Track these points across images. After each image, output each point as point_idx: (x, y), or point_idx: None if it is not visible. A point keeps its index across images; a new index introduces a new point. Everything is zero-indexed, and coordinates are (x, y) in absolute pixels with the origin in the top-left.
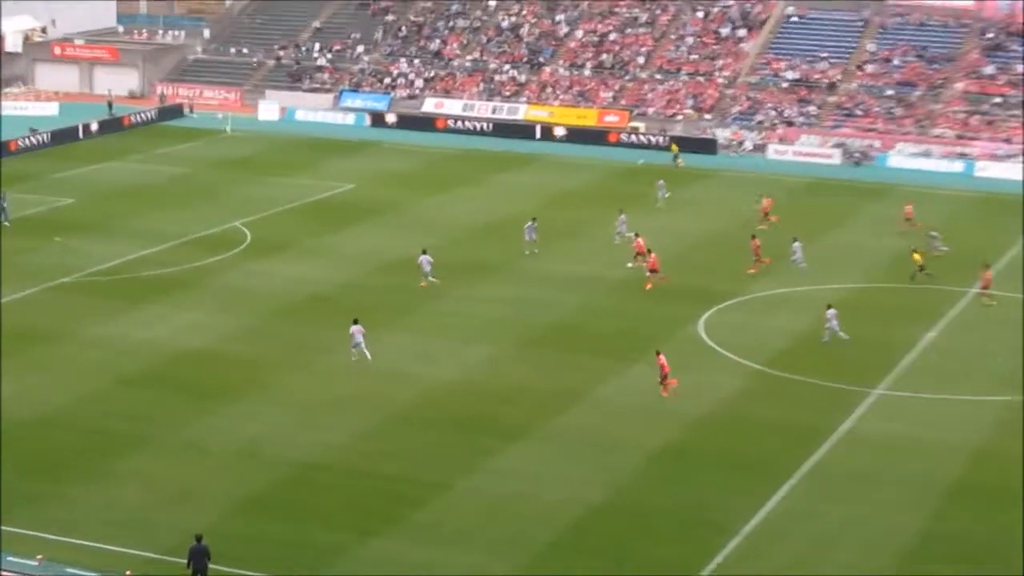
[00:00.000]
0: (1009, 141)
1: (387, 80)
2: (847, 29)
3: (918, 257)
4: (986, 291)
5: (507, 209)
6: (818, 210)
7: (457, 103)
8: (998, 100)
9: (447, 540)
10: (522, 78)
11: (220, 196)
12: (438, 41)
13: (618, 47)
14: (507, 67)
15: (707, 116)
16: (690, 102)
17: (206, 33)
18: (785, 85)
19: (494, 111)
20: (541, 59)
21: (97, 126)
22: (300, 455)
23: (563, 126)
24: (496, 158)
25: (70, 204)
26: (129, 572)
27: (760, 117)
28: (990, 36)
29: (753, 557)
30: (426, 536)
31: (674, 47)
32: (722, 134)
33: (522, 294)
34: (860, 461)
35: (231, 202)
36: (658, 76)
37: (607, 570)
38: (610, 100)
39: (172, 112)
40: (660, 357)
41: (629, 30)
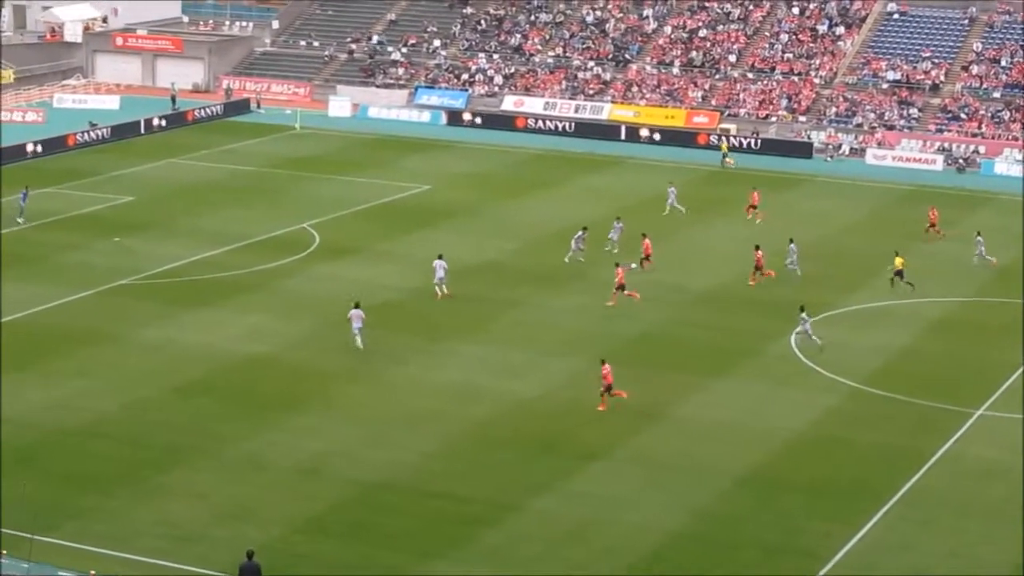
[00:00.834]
0: None
1: (464, 76)
2: (951, 27)
3: (899, 262)
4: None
5: (589, 213)
6: (918, 219)
7: (538, 101)
8: None
9: (517, 565)
10: (607, 76)
11: (287, 196)
12: (519, 36)
13: (709, 44)
14: (591, 64)
15: (802, 118)
16: (784, 103)
17: (275, 24)
18: (885, 86)
19: (577, 110)
20: (627, 56)
21: (159, 121)
22: (365, 473)
23: (649, 127)
24: (578, 160)
25: (130, 202)
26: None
27: (858, 120)
28: None
29: None
30: (494, 560)
31: (768, 45)
32: (818, 137)
33: (604, 304)
34: (959, 487)
35: (299, 202)
36: (750, 75)
37: None
38: (699, 100)
39: (238, 107)
40: (604, 367)
41: (720, 26)
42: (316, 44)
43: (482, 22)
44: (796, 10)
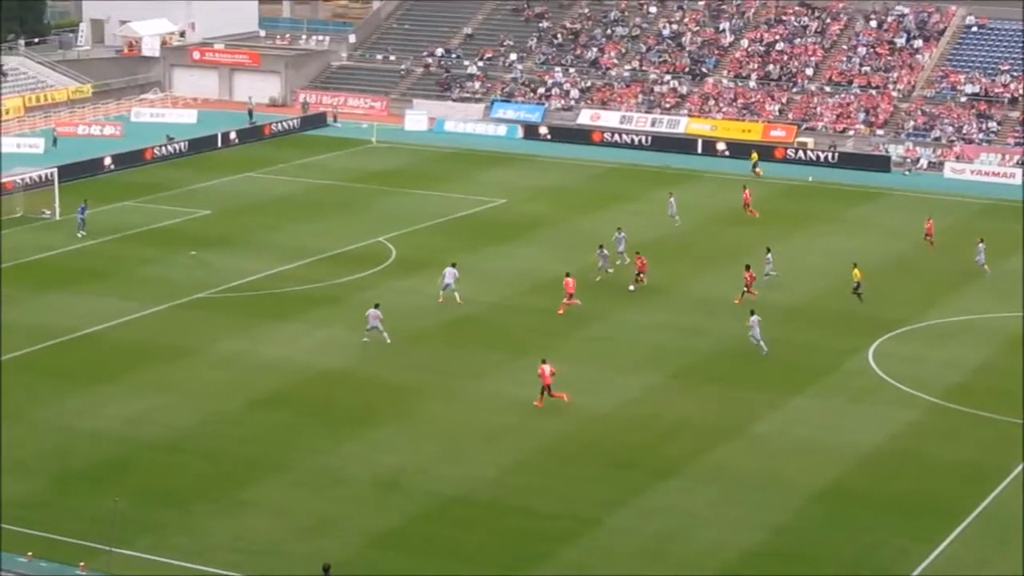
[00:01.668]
0: None
1: (541, 90)
2: None
3: (857, 273)
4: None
5: (666, 228)
6: (998, 234)
7: (614, 115)
8: None
9: None
10: (683, 89)
11: (364, 210)
12: (595, 49)
13: (786, 57)
14: (668, 77)
15: (879, 132)
16: (862, 116)
17: (351, 38)
18: (964, 99)
19: (653, 124)
20: (704, 69)
21: (236, 135)
22: (442, 488)
23: (726, 140)
24: (654, 173)
25: (206, 216)
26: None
27: (936, 133)
28: None
29: None
30: None
31: (845, 58)
32: (896, 151)
33: (680, 320)
34: None
35: (375, 216)
36: (828, 89)
37: None
38: (776, 114)
39: (315, 121)
40: (542, 367)
41: (798, 40)
42: (392, 58)
43: (558, 36)
44: (874, 23)
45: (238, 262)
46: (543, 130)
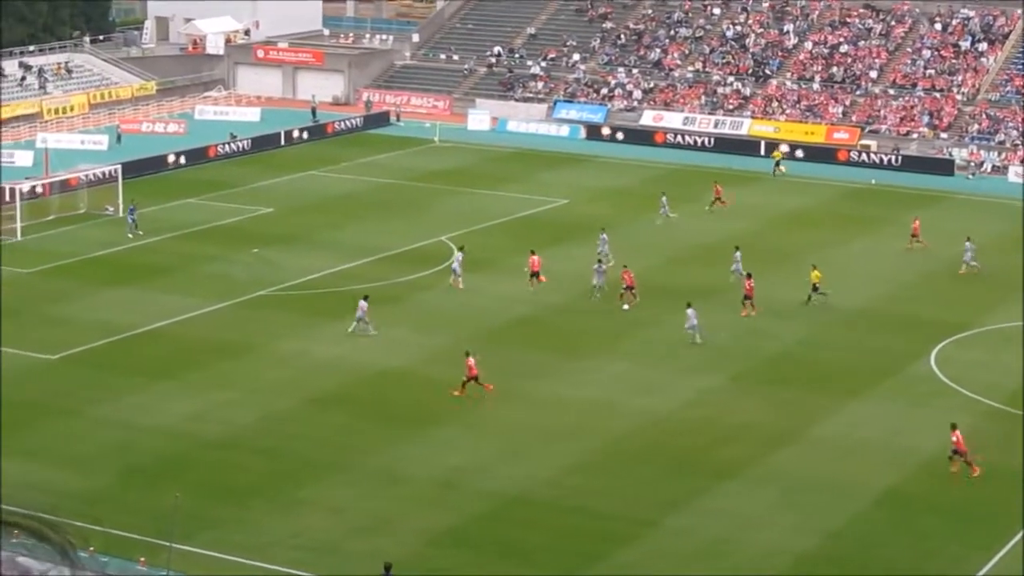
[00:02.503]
0: None
1: (604, 91)
2: None
3: (816, 275)
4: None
5: (727, 229)
6: None
7: (677, 116)
8: None
9: None
10: (747, 91)
11: (426, 209)
12: (658, 50)
13: (850, 60)
14: (731, 79)
15: (943, 135)
16: (925, 119)
17: (415, 37)
18: None
19: (716, 125)
20: (767, 71)
21: (299, 133)
22: (501, 487)
23: (789, 142)
24: (717, 175)
25: (269, 214)
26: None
27: (1001, 137)
28: None
29: None
30: None
31: (910, 61)
32: (959, 154)
33: (742, 322)
34: None
35: (437, 215)
36: (891, 91)
37: None
38: (840, 116)
39: (378, 120)
40: (469, 359)
41: (862, 42)
42: (456, 57)
43: (622, 36)
44: (939, 26)
45: (300, 260)
46: (605, 131)
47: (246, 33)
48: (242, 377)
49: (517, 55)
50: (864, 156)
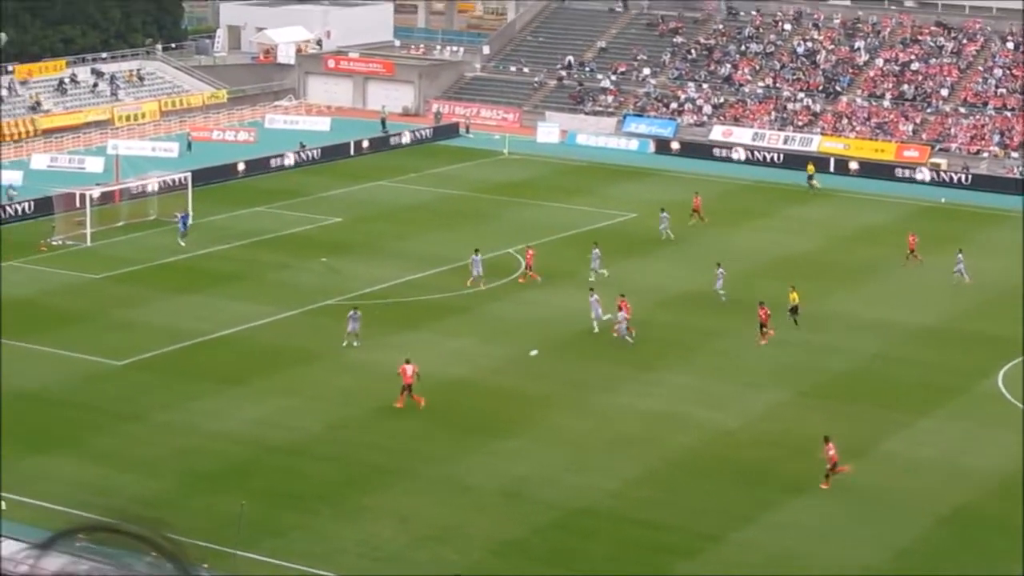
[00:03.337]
0: None
1: (673, 105)
2: None
3: (795, 296)
4: None
5: (797, 245)
6: None
7: (747, 132)
8: None
9: None
10: (817, 107)
11: (494, 220)
12: (729, 65)
13: (920, 77)
14: (801, 95)
15: (1014, 154)
16: (996, 139)
17: (485, 49)
18: None
19: (786, 141)
20: (838, 88)
21: (369, 143)
22: (566, 498)
23: (858, 159)
24: (785, 191)
25: (338, 223)
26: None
27: None
28: None
29: None
30: None
31: (981, 79)
32: None
33: (811, 337)
34: None
35: (506, 227)
36: (962, 110)
37: None
38: (910, 134)
39: (447, 131)
40: (404, 367)
41: (933, 60)
42: (526, 70)
43: (692, 51)
44: (1011, 44)
45: (368, 269)
46: (675, 145)
47: (318, 44)
48: (309, 384)
49: (587, 68)
50: (934, 174)
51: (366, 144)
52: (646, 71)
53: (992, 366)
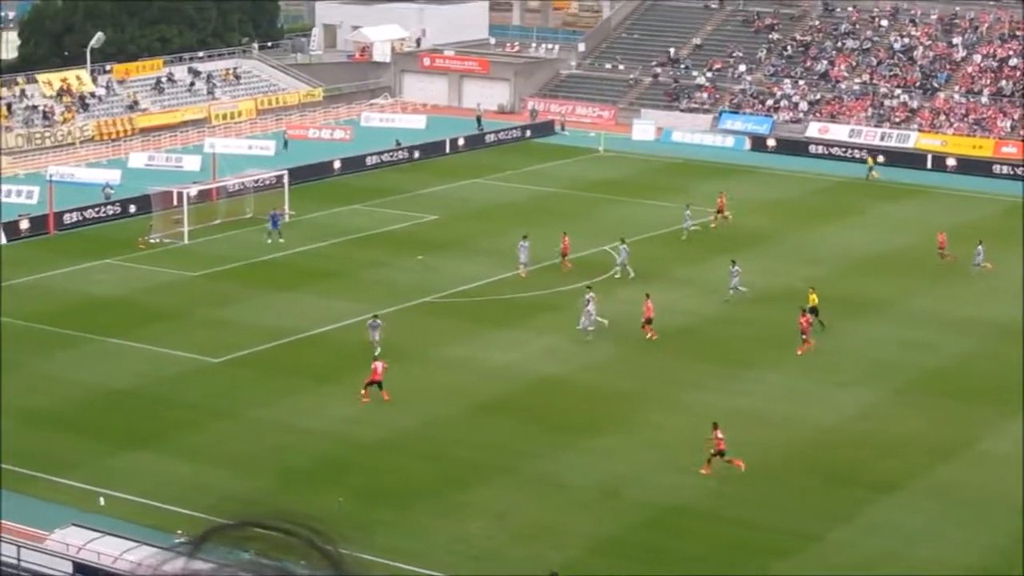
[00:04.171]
0: None
1: (769, 102)
2: None
3: (814, 298)
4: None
5: (893, 242)
6: None
7: (843, 128)
8: None
9: None
10: (914, 104)
11: (589, 218)
12: (825, 62)
13: (1019, 73)
14: (898, 91)
15: None
16: None
17: (580, 47)
18: None
19: (882, 138)
20: (935, 84)
21: (464, 141)
22: (661, 497)
23: (956, 156)
24: (882, 188)
25: (434, 220)
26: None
27: None
28: None
29: None
30: None
31: None
32: None
33: (906, 335)
34: None
35: (600, 225)
36: None
37: None
38: (1008, 130)
39: (543, 129)
40: (375, 363)
41: None
42: (621, 67)
43: (788, 48)
44: None
45: (464, 267)
46: (771, 142)
47: (416, 43)
48: (404, 382)
49: (683, 65)
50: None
51: (461, 142)
52: (742, 68)
53: None
